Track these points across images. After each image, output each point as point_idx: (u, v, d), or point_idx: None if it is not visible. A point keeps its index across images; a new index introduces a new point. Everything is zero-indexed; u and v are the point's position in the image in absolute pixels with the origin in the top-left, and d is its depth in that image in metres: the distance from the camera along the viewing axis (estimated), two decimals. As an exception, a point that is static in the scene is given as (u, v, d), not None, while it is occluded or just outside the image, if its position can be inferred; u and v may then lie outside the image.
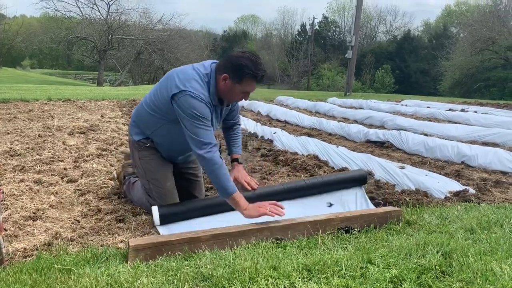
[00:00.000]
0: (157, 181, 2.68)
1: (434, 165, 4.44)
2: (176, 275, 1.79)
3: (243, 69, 2.39)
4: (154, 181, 2.69)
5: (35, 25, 51.69)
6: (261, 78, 2.48)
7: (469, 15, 36.43)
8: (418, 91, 34.32)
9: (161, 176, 2.70)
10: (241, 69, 2.39)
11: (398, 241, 2.17)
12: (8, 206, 2.72)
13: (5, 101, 8.55)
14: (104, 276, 1.77)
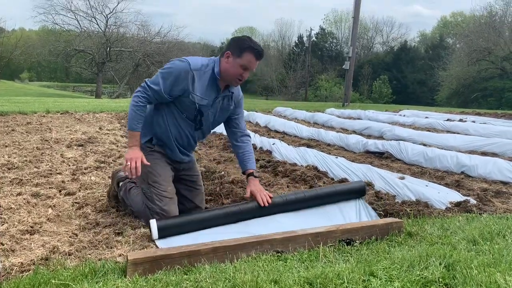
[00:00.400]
0: (158, 184, 2.72)
1: (434, 176, 4.42)
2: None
3: (243, 44, 2.61)
4: (155, 184, 2.72)
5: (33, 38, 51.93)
6: (260, 54, 2.62)
7: (465, 26, 36.78)
8: (416, 101, 34.48)
9: (162, 179, 2.74)
10: (242, 44, 2.62)
11: (400, 253, 2.15)
12: (5, 219, 2.68)
13: (3, 114, 8.54)
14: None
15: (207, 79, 2.66)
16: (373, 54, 50.47)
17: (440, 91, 35.12)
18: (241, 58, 2.60)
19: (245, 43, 2.62)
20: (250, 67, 2.64)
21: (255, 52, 2.61)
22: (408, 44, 47.84)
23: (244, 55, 2.60)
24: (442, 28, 51.36)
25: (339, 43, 51.94)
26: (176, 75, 2.60)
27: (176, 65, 2.63)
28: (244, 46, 2.60)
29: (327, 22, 54.99)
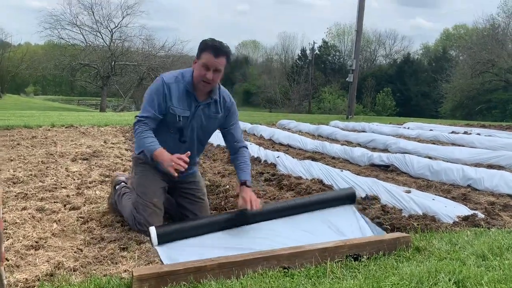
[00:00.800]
0: (144, 195, 2.78)
1: (440, 189, 4.39)
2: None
3: (201, 45, 2.68)
4: (142, 194, 2.79)
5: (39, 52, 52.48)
6: (216, 49, 2.63)
7: (468, 38, 36.87)
8: (420, 113, 34.44)
9: (149, 190, 2.80)
10: (201, 45, 2.69)
11: (408, 269, 2.12)
12: (10, 235, 2.67)
13: (9, 128, 8.58)
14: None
15: (182, 90, 2.73)
16: (376, 67, 50.61)
17: (444, 103, 35.09)
18: (201, 59, 2.66)
19: (203, 43, 2.68)
20: (211, 65, 2.63)
21: (210, 48, 2.63)
22: (411, 56, 47.98)
23: (203, 55, 2.65)
24: (445, 41, 51.51)
25: (342, 56, 52.16)
26: (155, 93, 2.71)
27: (152, 85, 2.76)
28: (202, 47, 2.67)
29: (330, 35, 55.33)
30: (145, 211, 2.74)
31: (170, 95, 2.70)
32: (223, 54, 2.66)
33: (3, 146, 6.27)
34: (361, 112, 33.57)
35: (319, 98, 42.31)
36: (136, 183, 2.86)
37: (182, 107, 2.72)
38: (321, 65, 48.57)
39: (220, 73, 2.71)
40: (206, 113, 2.81)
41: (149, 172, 2.85)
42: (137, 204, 2.78)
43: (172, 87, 2.71)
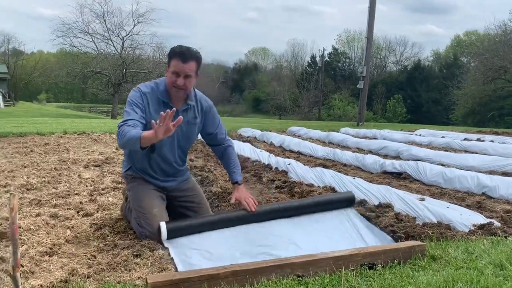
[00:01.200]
0: (142, 209, 2.80)
1: (454, 197, 4.33)
2: (196, 315, 1.73)
3: (169, 53, 2.74)
4: (140, 208, 2.81)
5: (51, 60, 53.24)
6: (182, 54, 2.67)
7: (479, 45, 36.58)
8: (431, 120, 34.22)
9: (146, 203, 2.82)
10: (169, 54, 2.75)
11: (424, 278, 2.09)
12: (25, 241, 2.69)
13: (22, 135, 8.69)
14: (122, 315, 1.72)
15: (158, 100, 2.78)
16: (387, 73, 50.48)
17: (456, 110, 34.81)
18: (170, 66, 2.72)
19: (171, 51, 2.73)
20: (180, 71, 2.67)
21: (177, 55, 2.67)
22: (421, 63, 47.80)
23: (171, 62, 2.71)
24: (456, 47, 51.22)
25: (352, 63, 52.14)
26: (135, 102, 2.72)
27: (131, 96, 2.76)
28: (170, 54, 2.73)
29: (339, 42, 55.40)
30: (147, 225, 2.74)
31: (148, 104, 2.74)
32: (191, 59, 2.69)
33: (17, 153, 6.34)
34: (371, 119, 33.44)
35: (329, 105, 42.26)
36: (132, 199, 2.89)
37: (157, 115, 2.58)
38: (331, 72, 48.58)
39: (191, 78, 2.74)
40: (185, 119, 2.78)
41: (142, 186, 2.91)
42: (139, 218, 2.79)
43: (149, 97, 2.75)
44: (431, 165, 5.35)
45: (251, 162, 6.05)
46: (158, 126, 2.34)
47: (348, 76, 48.09)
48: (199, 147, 7.48)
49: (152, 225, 2.74)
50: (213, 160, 6.17)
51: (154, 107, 2.74)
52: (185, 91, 2.77)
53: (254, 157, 6.44)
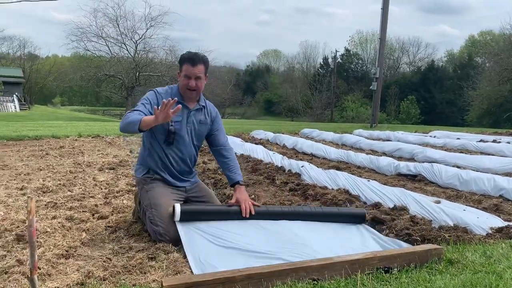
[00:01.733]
0: (159, 207, 2.87)
1: (470, 199, 4.27)
2: (211, 318, 1.73)
3: (180, 59, 3.05)
4: (156, 207, 2.88)
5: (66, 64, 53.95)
6: (191, 59, 2.96)
7: (495, 45, 36.08)
8: (445, 121, 33.86)
9: (163, 201, 2.90)
10: (179, 60, 3.05)
11: (442, 282, 2.06)
12: (42, 243, 2.72)
13: (38, 138, 8.81)
14: (138, 318, 1.72)
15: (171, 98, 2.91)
16: (400, 75, 50.11)
17: (470, 111, 34.37)
18: (182, 71, 3.00)
19: (181, 57, 3.03)
20: (191, 74, 2.96)
21: (187, 60, 2.96)
22: (435, 64, 47.33)
23: (183, 67, 2.99)
24: (470, 47, 50.59)
25: (364, 64, 51.87)
26: (148, 98, 2.98)
27: (148, 94, 3.05)
28: (180, 60, 3.03)
29: (352, 43, 55.13)
30: (163, 223, 2.80)
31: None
32: (199, 62, 2.98)
33: (33, 156, 6.43)
34: (384, 121, 33.17)
35: (341, 107, 42.06)
36: (150, 197, 2.97)
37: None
38: (343, 74, 48.38)
39: (201, 79, 3.02)
40: (198, 118, 3.12)
41: (160, 188, 3.02)
42: (153, 216, 2.85)
43: (164, 96, 2.97)
44: (446, 167, 5.28)
45: (264, 165, 6.04)
46: (159, 111, 2.60)
47: (361, 77, 47.85)
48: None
49: (166, 223, 2.79)
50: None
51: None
52: (197, 92, 3.05)
53: (267, 159, 6.43)
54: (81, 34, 32.85)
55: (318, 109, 43.80)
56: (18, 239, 2.79)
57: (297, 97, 46.60)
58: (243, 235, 2.72)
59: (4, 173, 5.06)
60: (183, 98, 3.03)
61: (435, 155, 6.76)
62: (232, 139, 8.68)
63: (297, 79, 53.14)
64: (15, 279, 2.18)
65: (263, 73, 59.51)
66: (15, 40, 53.39)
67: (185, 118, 3.04)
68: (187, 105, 3.04)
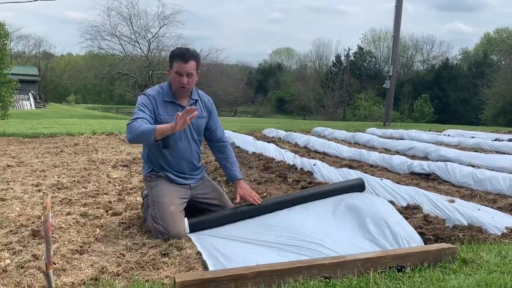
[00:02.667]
0: (162, 205, 2.88)
1: (485, 199, 4.22)
2: (223, 315, 1.74)
3: (170, 55, 2.99)
4: (159, 204, 2.89)
5: (80, 62, 54.49)
6: (182, 55, 2.91)
7: (511, 42, 35.49)
8: (459, 120, 33.42)
9: (166, 200, 2.91)
10: (170, 56, 2.99)
11: (455, 281, 2.04)
12: (56, 239, 2.76)
13: (53, 135, 8.93)
14: (151, 314, 1.74)
15: (164, 100, 2.99)
16: (413, 73, 49.56)
17: (485, 109, 33.87)
18: (173, 68, 2.94)
19: (171, 54, 2.98)
20: (183, 71, 2.91)
21: (178, 56, 2.91)
22: (449, 62, 46.69)
23: (174, 64, 2.94)
24: (485, 45, 49.82)
25: (378, 62, 51.42)
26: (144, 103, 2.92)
27: (139, 98, 2.98)
28: (171, 57, 2.96)
29: (365, 41, 54.69)
30: (163, 220, 2.81)
31: (156, 105, 2.95)
32: (191, 58, 2.92)
33: (48, 153, 6.52)
34: (398, 119, 32.87)
35: (354, 105, 41.75)
36: (153, 194, 2.98)
37: (168, 114, 2.95)
38: (356, 72, 48.03)
39: (193, 76, 2.98)
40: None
41: (165, 185, 3.02)
42: (155, 214, 2.87)
43: (156, 98, 2.97)
44: (460, 166, 5.22)
45: (276, 163, 6.04)
46: (180, 117, 2.55)
47: (374, 75, 47.44)
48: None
49: (167, 222, 2.81)
50: (238, 161, 6.19)
51: (161, 107, 2.97)
52: (188, 88, 3.01)
53: (279, 157, 6.43)
54: (95, 32, 33.14)
55: (331, 108, 43.57)
56: (34, 234, 2.83)
57: (309, 96, 46.41)
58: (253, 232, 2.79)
59: (20, 169, 5.14)
60: (174, 96, 3.02)
61: (449, 154, 6.69)
62: (244, 137, 8.70)
63: (310, 77, 52.90)
64: (31, 274, 2.22)
65: (275, 71, 59.38)
66: (31, 39, 54.08)
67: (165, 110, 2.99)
68: (180, 104, 3.02)
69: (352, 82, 44.39)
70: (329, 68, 51.87)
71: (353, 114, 40.15)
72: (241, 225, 2.97)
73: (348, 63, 43.59)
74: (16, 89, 23.39)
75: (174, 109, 2.95)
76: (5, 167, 5.22)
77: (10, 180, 4.51)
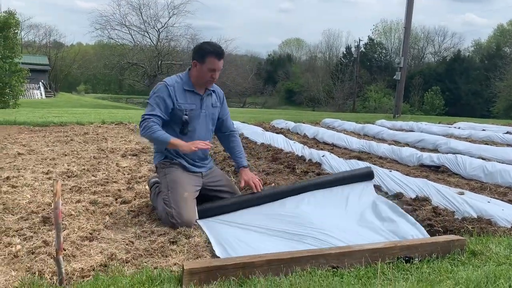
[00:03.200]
0: (175, 190, 2.94)
1: (495, 191, 4.18)
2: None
3: (204, 50, 3.00)
4: (173, 189, 2.95)
5: (90, 52, 54.69)
6: (219, 54, 2.99)
7: (524, 34, 34.92)
8: (470, 113, 33.04)
9: (180, 185, 2.97)
10: (202, 51, 3.00)
11: (464, 273, 2.03)
12: (66, 226, 2.79)
13: (63, 124, 9.00)
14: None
15: (183, 88, 3.06)
16: (424, 65, 49.04)
17: (497, 102, 33.49)
18: (205, 64, 2.99)
19: (205, 49, 3.01)
20: (216, 68, 3.01)
21: (214, 54, 2.98)
22: (461, 54, 46.09)
23: (207, 60, 2.98)
24: (498, 37, 49.02)
25: (388, 54, 50.95)
26: (161, 95, 2.99)
27: (156, 89, 3.05)
28: (205, 52, 2.99)
29: (376, 32, 54.13)
30: (176, 205, 2.86)
31: (175, 94, 3.02)
32: (223, 57, 3.06)
33: (58, 142, 6.57)
34: (408, 111, 32.58)
35: (364, 97, 41.50)
36: (168, 180, 3.03)
37: (187, 102, 3.05)
38: (366, 63, 47.63)
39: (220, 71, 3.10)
40: (210, 102, 3.20)
41: (178, 171, 3.07)
42: (169, 198, 2.92)
43: (176, 87, 3.04)
44: (471, 158, 5.18)
45: (284, 154, 6.03)
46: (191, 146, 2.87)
47: (385, 67, 47.03)
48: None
49: (180, 206, 2.85)
50: (247, 152, 6.20)
51: (181, 95, 3.04)
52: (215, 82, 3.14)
53: (288, 148, 6.42)
54: (105, 22, 33.29)
55: (340, 99, 43.34)
56: (44, 221, 2.87)
57: (318, 87, 46.16)
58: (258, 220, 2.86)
59: (31, 157, 5.19)
60: (193, 86, 3.09)
61: (459, 146, 6.63)
62: (252, 128, 8.69)
63: (319, 69, 52.55)
64: (42, 259, 2.25)
65: (284, 62, 59.06)
66: (41, 28, 54.35)
67: (198, 104, 3.11)
68: (198, 92, 3.11)
69: (362, 73, 44.04)
70: (339, 59, 51.49)
71: (362, 106, 39.93)
72: (249, 213, 3.02)
73: (358, 54, 43.22)
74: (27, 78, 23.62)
75: (193, 98, 3.08)
76: (16, 155, 5.28)
77: (21, 168, 4.56)
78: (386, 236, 2.61)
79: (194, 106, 3.08)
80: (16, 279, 2.03)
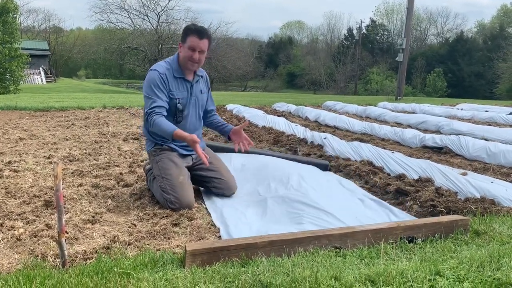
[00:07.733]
0: (170, 176, 2.94)
1: (498, 172, 4.17)
2: (234, 282, 1.75)
3: (185, 30, 3.00)
4: (167, 176, 2.95)
5: (90, 37, 54.29)
6: (199, 31, 2.94)
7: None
8: (473, 94, 32.88)
9: (174, 171, 2.98)
10: (184, 31, 3.01)
11: (467, 252, 2.03)
12: (69, 209, 2.79)
13: (64, 109, 8.97)
14: (162, 281, 1.76)
15: (174, 76, 3.03)
16: (427, 46, 48.64)
17: (500, 83, 33.27)
18: (186, 42, 2.97)
19: (187, 28, 2.99)
20: (197, 47, 2.95)
21: (194, 31, 2.94)
22: (464, 35, 45.61)
23: (188, 38, 2.96)
24: (502, 17, 48.43)
25: (390, 35, 50.47)
26: (157, 83, 2.95)
27: (150, 78, 2.99)
28: (186, 31, 2.98)
29: (378, 13, 53.61)
30: (174, 191, 2.87)
31: (168, 82, 3.00)
32: (206, 36, 2.97)
33: (59, 126, 6.55)
34: (410, 94, 32.46)
35: (366, 79, 41.23)
36: (160, 167, 3.03)
37: (179, 90, 3.04)
38: (368, 45, 47.23)
39: (204, 53, 3.03)
40: (198, 88, 3.18)
41: (171, 157, 3.07)
42: (165, 185, 2.92)
43: (167, 74, 3.01)
44: (473, 139, 5.15)
45: (286, 136, 6.01)
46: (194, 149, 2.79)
47: (387, 49, 46.64)
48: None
49: (177, 191, 2.86)
50: (248, 135, 6.17)
51: (173, 83, 3.02)
52: (199, 64, 3.06)
53: (289, 131, 6.39)
54: (104, 6, 32.95)
55: (342, 82, 43.08)
56: (47, 205, 2.86)
57: (320, 70, 45.87)
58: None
59: (32, 142, 5.18)
60: (182, 72, 3.06)
61: (462, 127, 6.59)
62: (254, 111, 8.65)
63: (321, 51, 52.20)
64: (44, 242, 2.25)
65: (285, 45, 58.56)
66: (40, 13, 53.97)
67: (188, 92, 3.09)
68: (187, 79, 3.08)
69: (364, 56, 43.68)
70: (341, 42, 51.08)
71: (364, 88, 39.71)
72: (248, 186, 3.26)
73: (360, 36, 42.83)
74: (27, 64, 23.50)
75: (183, 85, 3.07)
76: (17, 140, 5.27)
77: (23, 153, 4.55)
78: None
79: (185, 93, 3.08)
80: (19, 262, 2.03)
